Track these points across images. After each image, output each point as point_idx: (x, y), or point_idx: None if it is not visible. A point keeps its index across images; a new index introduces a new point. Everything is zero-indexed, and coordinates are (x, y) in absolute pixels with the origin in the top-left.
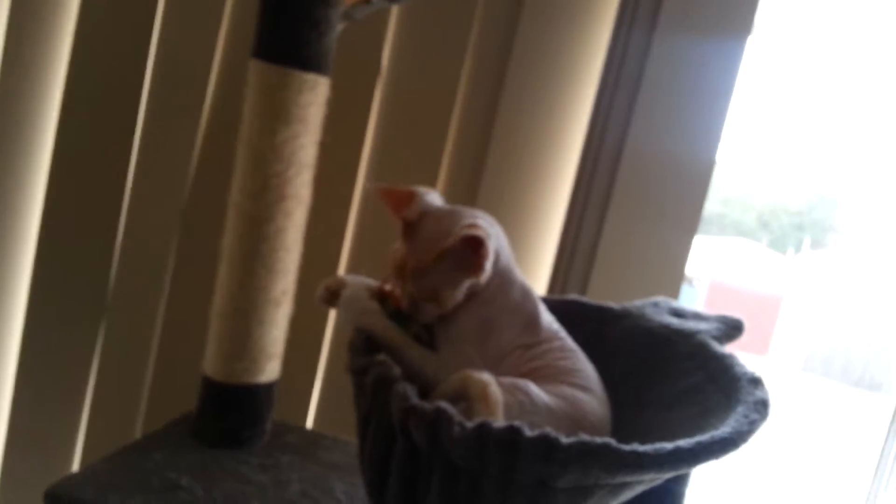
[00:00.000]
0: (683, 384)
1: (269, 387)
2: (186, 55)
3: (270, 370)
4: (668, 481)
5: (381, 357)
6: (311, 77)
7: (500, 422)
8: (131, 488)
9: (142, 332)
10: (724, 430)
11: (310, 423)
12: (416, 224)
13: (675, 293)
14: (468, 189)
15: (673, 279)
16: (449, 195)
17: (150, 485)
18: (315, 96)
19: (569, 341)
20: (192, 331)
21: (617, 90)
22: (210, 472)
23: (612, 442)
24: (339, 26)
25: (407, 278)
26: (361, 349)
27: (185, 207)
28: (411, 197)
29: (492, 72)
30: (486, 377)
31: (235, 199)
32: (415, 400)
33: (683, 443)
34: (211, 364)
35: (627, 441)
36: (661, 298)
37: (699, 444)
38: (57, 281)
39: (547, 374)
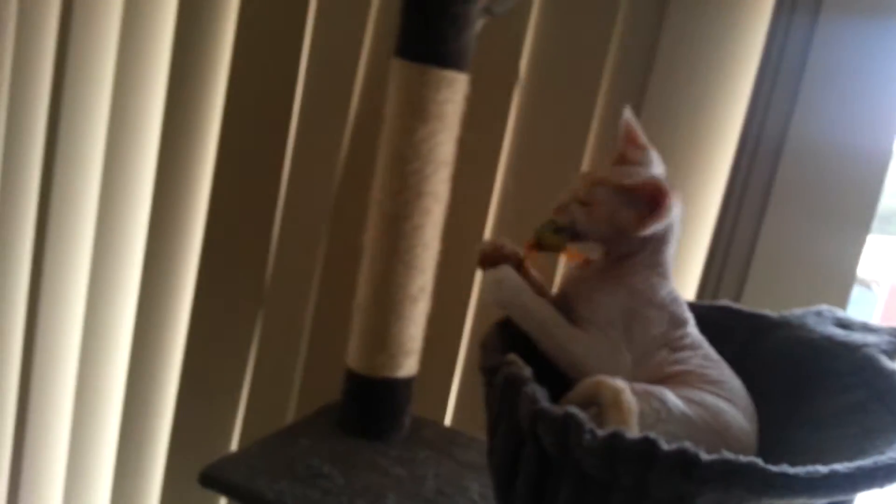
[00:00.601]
0: (844, 401)
1: (407, 381)
2: (335, 58)
3: (409, 365)
4: None
5: (512, 357)
6: (448, 74)
7: (633, 432)
8: (278, 473)
9: (295, 324)
10: (890, 454)
11: (448, 420)
12: (629, 161)
13: (843, 299)
14: None
15: (842, 284)
16: None
17: (295, 471)
18: (453, 93)
19: (713, 352)
20: (341, 323)
21: (777, 79)
22: (351, 462)
23: (759, 461)
24: (479, 22)
25: (589, 186)
26: (494, 347)
27: (333, 205)
28: (644, 149)
29: (637, 64)
30: (620, 383)
31: (376, 196)
32: (544, 403)
33: (841, 466)
34: (353, 356)
35: (776, 461)
36: (825, 307)
37: (860, 468)
38: (219, 277)
39: (691, 381)
